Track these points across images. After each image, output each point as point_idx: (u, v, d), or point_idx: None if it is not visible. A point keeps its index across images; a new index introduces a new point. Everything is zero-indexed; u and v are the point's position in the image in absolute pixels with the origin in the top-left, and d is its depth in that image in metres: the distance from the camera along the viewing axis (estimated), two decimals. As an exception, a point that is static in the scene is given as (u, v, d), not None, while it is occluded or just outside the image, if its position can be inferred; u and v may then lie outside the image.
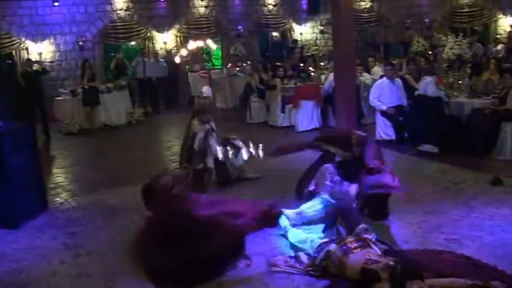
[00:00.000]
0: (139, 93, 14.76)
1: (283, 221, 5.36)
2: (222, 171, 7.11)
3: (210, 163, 6.92)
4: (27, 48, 13.86)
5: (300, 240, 4.93)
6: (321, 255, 4.42)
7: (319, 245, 4.58)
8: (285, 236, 5.22)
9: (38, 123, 10.93)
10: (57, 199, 7.11)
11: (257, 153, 6.91)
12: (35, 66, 12.23)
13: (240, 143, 7.22)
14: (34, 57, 13.61)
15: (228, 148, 7.13)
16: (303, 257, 4.68)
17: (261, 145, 6.91)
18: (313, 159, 7.77)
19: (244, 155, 7.08)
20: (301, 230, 5.22)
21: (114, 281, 4.58)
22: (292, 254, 4.82)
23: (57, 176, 8.37)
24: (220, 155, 6.87)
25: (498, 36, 16.89)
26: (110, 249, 5.25)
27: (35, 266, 5.01)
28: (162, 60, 15.17)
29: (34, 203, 6.48)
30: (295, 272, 4.48)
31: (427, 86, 8.63)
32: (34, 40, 14.00)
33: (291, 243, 5.05)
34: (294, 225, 5.32)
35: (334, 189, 5.66)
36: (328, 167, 5.93)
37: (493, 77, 9.38)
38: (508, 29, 17.16)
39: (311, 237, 4.89)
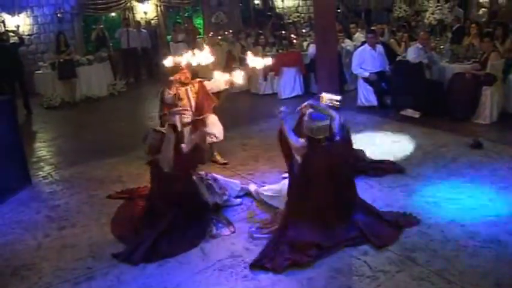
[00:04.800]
0: (123, 64, 14.60)
1: (252, 185, 5.63)
2: None
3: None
4: (3, 21, 13.51)
5: (275, 189, 5.16)
6: None
7: None
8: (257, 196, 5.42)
9: (18, 97, 10.79)
10: (40, 173, 7.08)
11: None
12: (12, 39, 11.97)
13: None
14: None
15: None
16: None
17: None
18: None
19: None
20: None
21: (99, 251, 4.61)
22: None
23: (40, 150, 8.31)
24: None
25: (481, 1, 16.85)
26: (94, 221, 5.27)
27: (20, 240, 5.01)
28: (144, 30, 14.96)
29: (17, 178, 6.45)
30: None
31: (412, 51, 8.64)
32: (10, 13, 13.66)
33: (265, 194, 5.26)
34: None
35: None
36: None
37: (474, 42, 9.40)
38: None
39: (284, 187, 4.97)
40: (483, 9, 15.26)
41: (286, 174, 5.71)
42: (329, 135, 4.34)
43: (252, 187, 5.57)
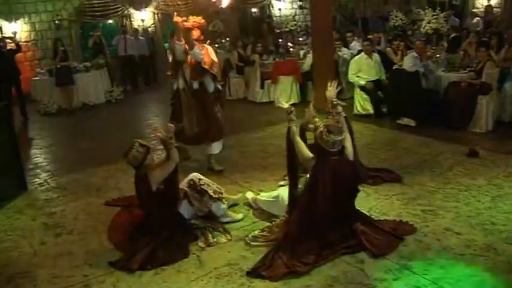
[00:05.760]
0: (120, 71, 14.62)
1: (249, 193, 5.63)
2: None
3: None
4: (0, 28, 13.55)
5: (273, 196, 5.16)
6: None
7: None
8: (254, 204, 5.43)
9: (15, 104, 10.78)
10: (37, 180, 7.06)
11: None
12: (9, 45, 11.97)
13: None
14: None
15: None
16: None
17: None
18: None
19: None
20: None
21: (95, 259, 4.59)
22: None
23: (36, 157, 8.29)
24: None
25: (474, 10, 16.98)
26: (90, 228, 5.26)
27: (16, 247, 4.99)
28: (141, 37, 14.99)
29: (13, 184, 6.44)
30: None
31: (409, 60, 8.68)
32: (8, 19, 13.68)
33: (263, 200, 5.29)
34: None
35: None
36: None
37: (471, 51, 9.44)
38: (485, 3, 17.28)
39: (281, 194, 5.02)
40: (477, 18, 15.35)
41: (283, 182, 5.74)
42: (342, 149, 4.34)
43: (249, 195, 5.57)
